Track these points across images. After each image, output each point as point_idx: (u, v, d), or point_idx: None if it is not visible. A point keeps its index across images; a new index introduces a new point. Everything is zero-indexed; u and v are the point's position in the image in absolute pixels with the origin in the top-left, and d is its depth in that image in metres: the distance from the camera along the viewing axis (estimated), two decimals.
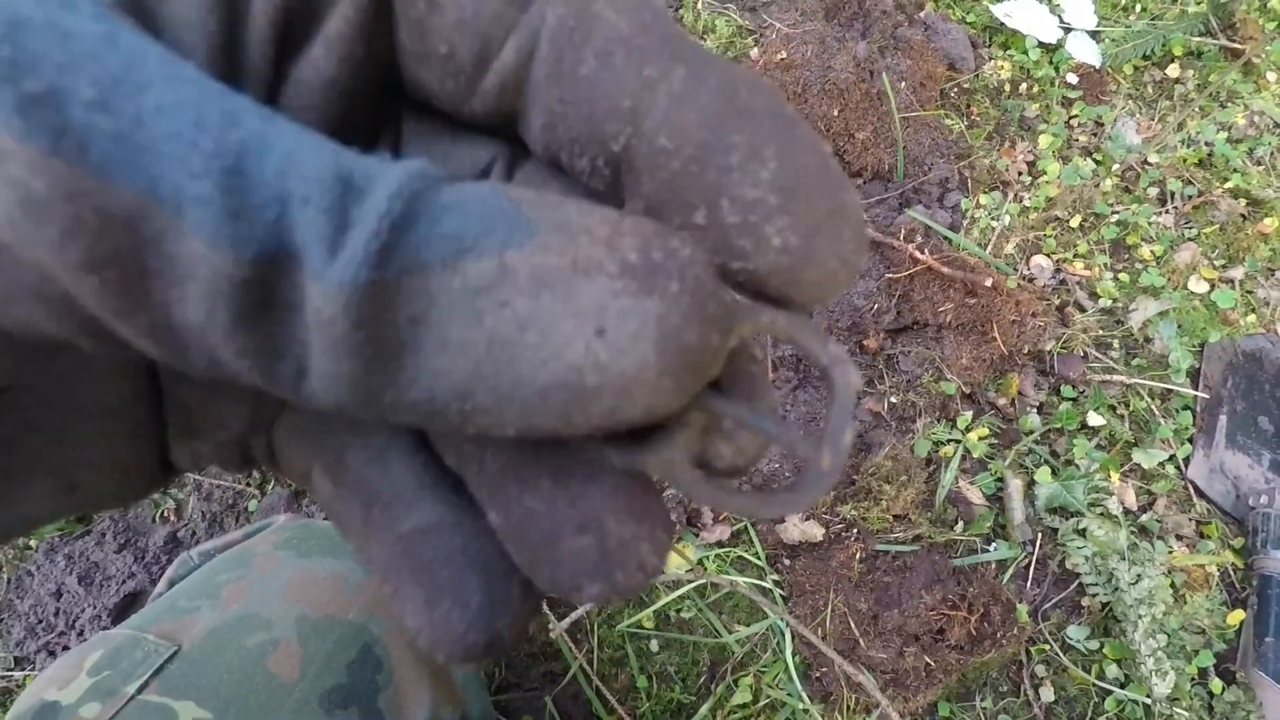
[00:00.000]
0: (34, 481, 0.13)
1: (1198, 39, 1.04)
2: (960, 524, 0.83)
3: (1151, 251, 0.94)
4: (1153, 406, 0.87)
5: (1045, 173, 0.98)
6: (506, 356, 0.09)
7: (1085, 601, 0.80)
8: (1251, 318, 0.92)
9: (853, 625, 0.75)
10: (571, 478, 0.11)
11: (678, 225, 0.10)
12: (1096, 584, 0.79)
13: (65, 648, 0.82)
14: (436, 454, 0.13)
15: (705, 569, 0.80)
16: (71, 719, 0.40)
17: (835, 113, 0.92)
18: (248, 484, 0.88)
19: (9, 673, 0.81)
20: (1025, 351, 0.87)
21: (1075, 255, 0.95)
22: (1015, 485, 0.84)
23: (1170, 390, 0.88)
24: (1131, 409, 0.87)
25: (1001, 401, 0.88)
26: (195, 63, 0.09)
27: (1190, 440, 0.86)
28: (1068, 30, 1.04)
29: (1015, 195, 0.98)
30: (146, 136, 0.08)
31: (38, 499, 0.13)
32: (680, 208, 0.10)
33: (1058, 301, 0.92)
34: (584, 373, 0.09)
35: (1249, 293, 0.93)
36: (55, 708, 0.41)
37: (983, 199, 0.97)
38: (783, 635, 0.78)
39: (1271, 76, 1.03)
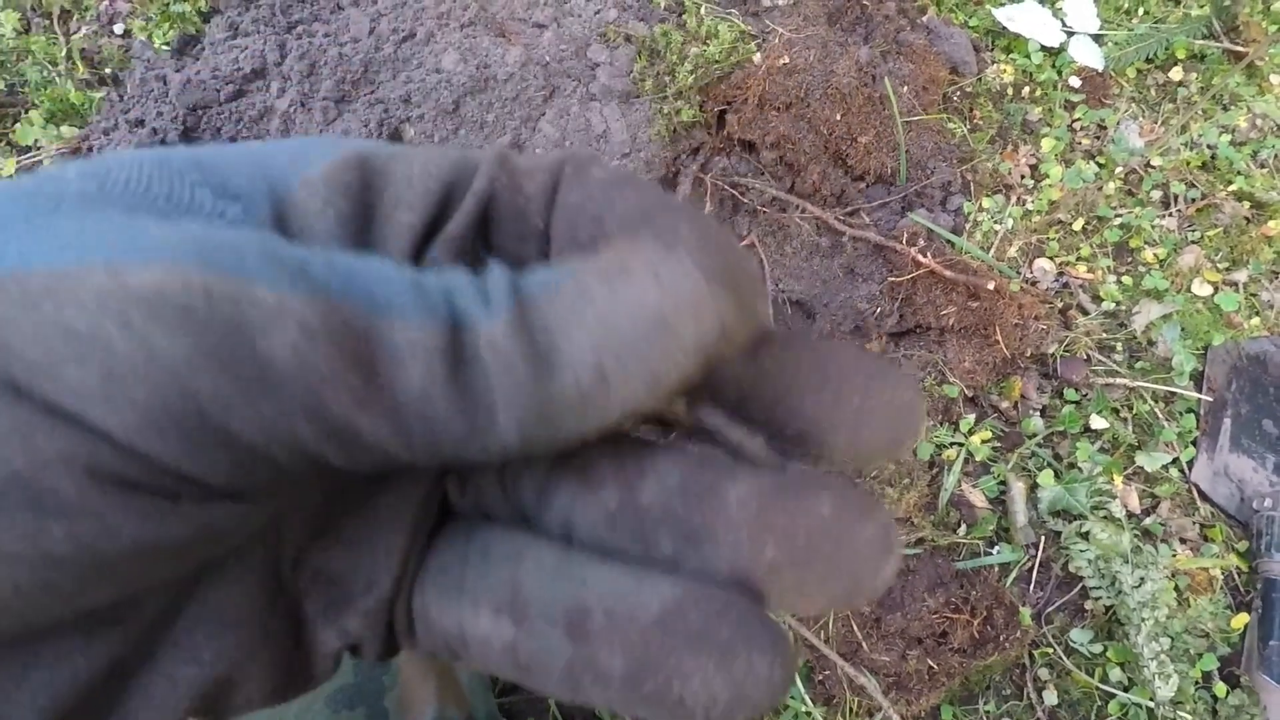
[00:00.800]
0: (173, 702, 0.14)
1: (1200, 42, 1.04)
2: (963, 527, 0.83)
3: (1155, 254, 0.95)
4: (1156, 409, 0.87)
5: (1048, 176, 0.98)
6: (613, 325, 0.12)
7: (1088, 605, 0.80)
8: (1255, 321, 0.92)
9: (855, 628, 0.76)
10: (823, 486, 0.14)
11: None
12: (1100, 587, 0.79)
13: None
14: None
15: None
16: None
17: (838, 117, 0.92)
18: None
19: None
20: (1028, 355, 0.87)
21: (1078, 258, 0.95)
22: (1018, 488, 0.84)
23: (1174, 393, 0.88)
24: (1135, 412, 0.87)
25: (1004, 405, 0.88)
26: None
27: (1194, 443, 0.86)
28: (1070, 34, 1.04)
29: (1018, 199, 0.98)
30: (360, 277, 0.12)
31: (166, 715, 0.14)
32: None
33: (1060, 305, 0.92)
34: (661, 305, 0.12)
35: (1253, 296, 0.93)
36: None
37: (985, 202, 0.97)
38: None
39: (1275, 79, 1.03)
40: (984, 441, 0.85)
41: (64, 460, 0.10)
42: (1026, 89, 1.04)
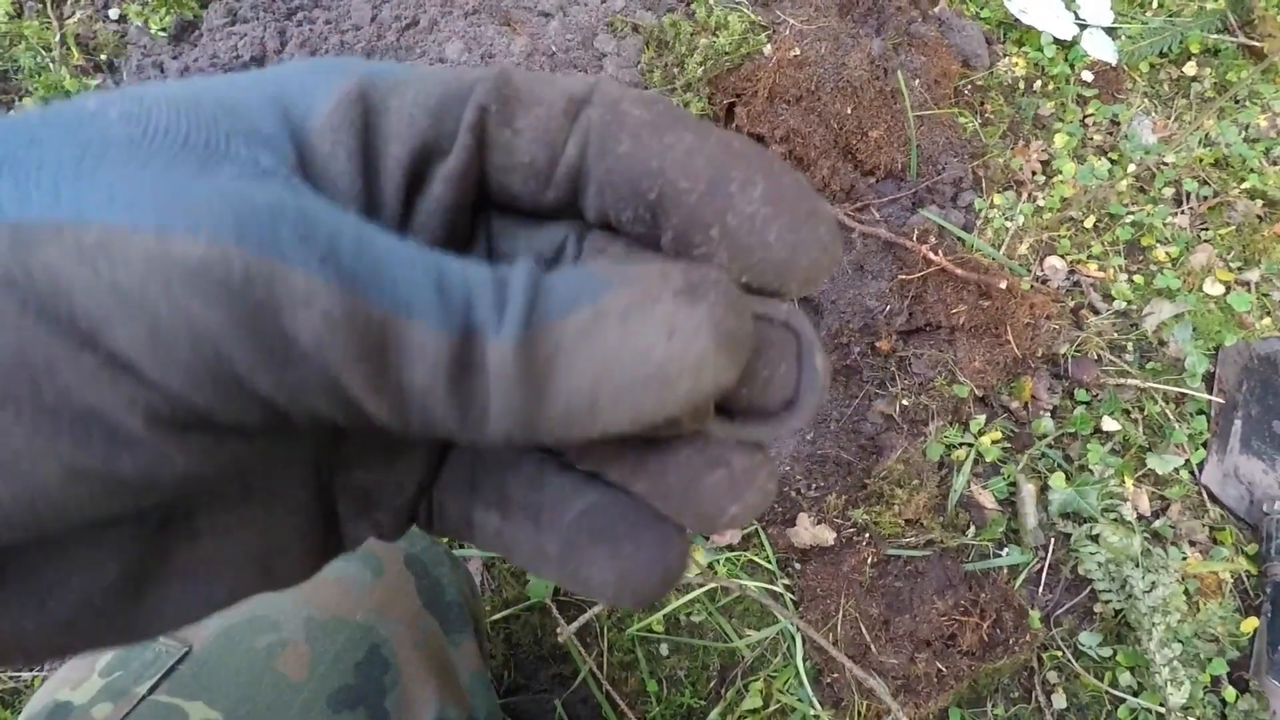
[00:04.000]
0: (244, 566, 0.17)
1: (1215, 36, 1.03)
2: (972, 529, 0.82)
3: (1167, 253, 0.93)
4: (1167, 411, 0.86)
5: (1060, 172, 0.97)
6: (614, 366, 0.12)
7: (1098, 608, 0.80)
8: (1267, 320, 0.91)
9: (864, 630, 0.75)
10: (693, 444, 0.16)
11: (699, 243, 0.15)
12: (1109, 590, 0.78)
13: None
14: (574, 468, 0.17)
15: (716, 573, 0.79)
16: (84, 719, 0.40)
17: (849, 110, 0.91)
18: None
19: (18, 674, 0.81)
20: (1039, 354, 0.86)
21: (1089, 256, 0.94)
22: (1028, 490, 0.83)
23: (1185, 394, 0.87)
24: (1146, 413, 0.86)
25: (1014, 405, 0.87)
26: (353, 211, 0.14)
27: (1204, 445, 0.85)
28: (1083, 26, 1.03)
29: (1029, 195, 0.97)
30: (386, 270, 0.12)
31: (244, 579, 0.17)
32: (700, 228, 0.15)
33: (1072, 304, 0.91)
34: (667, 364, 0.12)
35: (1264, 295, 0.92)
36: (68, 708, 0.41)
37: (996, 199, 0.96)
38: (793, 640, 0.78)
39: None
40: (994, 442, 0.84)
41: (128, 403, 0.12)
42: (1039, 83, 1.02)
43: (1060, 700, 0.77)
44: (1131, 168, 0.97)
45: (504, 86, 0.15)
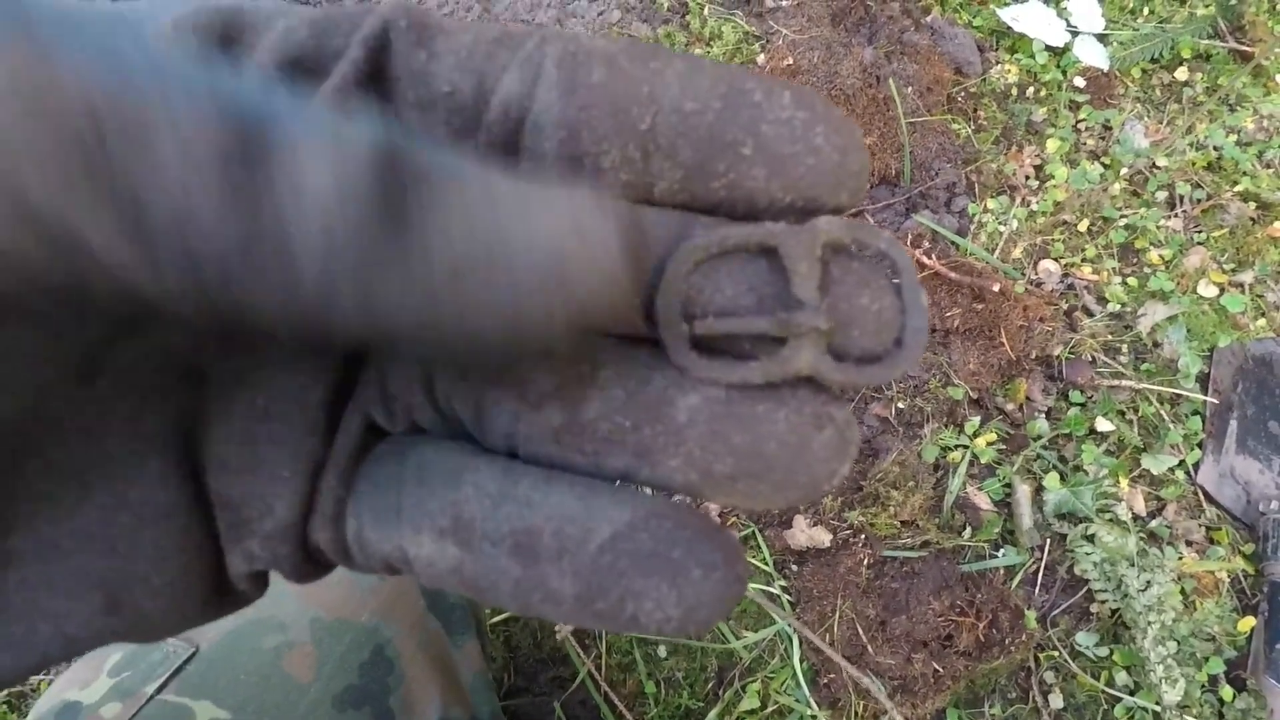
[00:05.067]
0: (80, 594, 0.12)
1: (1206, 41, 1.04)
2: (968, 530, 0.83)
3: (1160, 256, 0.94)
4: (1162, 412, 0.87)
5: (1053, 177, 0.98)
6: (496, 231, 0.09)
7: (1094, 608, 0.80)
8: (1261, 322, 0.91)
9: (860, 631, 0.76)
10: (787, 404, 0.12)
11: (723, 171, 0.12)
12: (1105, 590, 0.79)
13: None
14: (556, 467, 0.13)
15: None
16: (92, 718, 0.41)
17: None
18: None
19: None
20: (1033, 357, 0.87)
21: (1083, 260, 0.95)
22: (1023, 491, 0.84)
23: (1179, 395, 0.87)
24: (1140, 414, 0.87)
25: (1009, 407, 0.88)
26: None
27: (1200, 445, 0.86)
28: (1075, 33, 1.04)
29: (1023, 199, 0.98)
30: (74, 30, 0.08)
31: (82, 616, 0.13)
32: (725, 150, 0.12)
33: (1066, 306, 0.92)
34: (565, 252, 0.10)
35: (1259, 297, 0.93)
36: (77, 707, 0.42)
37: (990, 203, 0.97)
38: (790, 641, 0.78)
39: None
40: (989, 444, 0.85)
41: None
42: (1031, 89, 1.04)
43: (1057, 700, 0.78)
44: (1124, 172, 0.98)
45: (416, 14, 0.12)
